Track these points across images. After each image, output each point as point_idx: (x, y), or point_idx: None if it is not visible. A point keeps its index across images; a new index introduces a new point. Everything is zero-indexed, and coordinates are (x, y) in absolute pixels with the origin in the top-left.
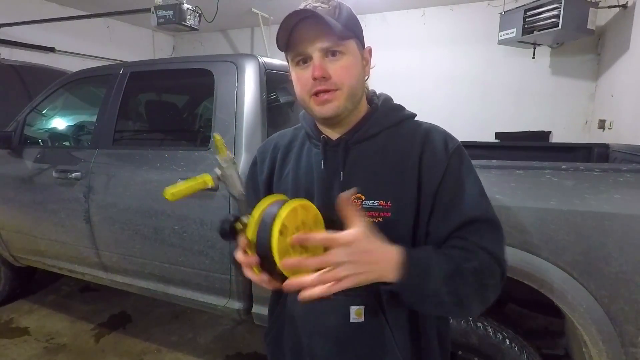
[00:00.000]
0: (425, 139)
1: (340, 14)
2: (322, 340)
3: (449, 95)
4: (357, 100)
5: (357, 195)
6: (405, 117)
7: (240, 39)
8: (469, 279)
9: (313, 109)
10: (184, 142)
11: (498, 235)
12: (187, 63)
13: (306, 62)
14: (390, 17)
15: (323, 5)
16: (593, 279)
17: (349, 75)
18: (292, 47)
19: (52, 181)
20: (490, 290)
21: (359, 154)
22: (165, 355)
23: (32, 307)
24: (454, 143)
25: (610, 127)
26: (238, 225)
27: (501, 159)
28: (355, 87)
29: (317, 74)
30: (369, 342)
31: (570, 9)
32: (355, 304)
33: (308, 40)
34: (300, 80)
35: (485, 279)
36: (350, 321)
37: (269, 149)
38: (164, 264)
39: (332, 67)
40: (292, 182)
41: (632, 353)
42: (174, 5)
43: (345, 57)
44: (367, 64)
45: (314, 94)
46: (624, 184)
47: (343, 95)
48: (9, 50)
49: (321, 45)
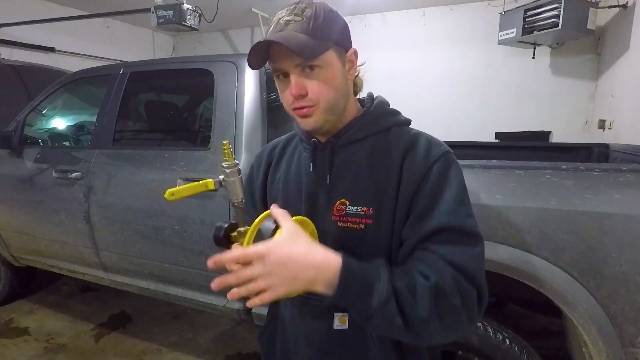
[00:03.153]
0: (409, 145)
1: (314, 25)
2: (307, 344)
3: (449, 95)
4: (339, 110)
5: (342, 200)
6: (396, 123)
7: (240, 39)
8: (423, 299)
9: (297, 121)
10: (184, 142)
11: (474, 250)
12: (187, 63)
13: (286, 76)
14: (390, 17)
15: (296, 18)
16: (593, 279)
17: (326, 89)
18: (270, 62)
19: (52, 181)
20: (456, 313)
21: (345, 157)
22: (165, 355)
23: (32, 307)
24: (439, 150)
25: (610, 127)
26: (233, 234)
27: (501, 159)
28: (334, 99)
29: (295, 92)
30: (352, 349)
31: (570, 9)
32: (339, 310)
33: (282, 57)
34: (284, 95)
35: (449, 300)
36: (334, 328)
37: (265, 155)
38: (164, 264)
39: (310, 83)
40: (283, 185)
41: (632, 353)
42: (174, 5)
43: (323, 70)
44: (351, 67)
45: (293, 108)
46: (624, 184)
47: (319, 109)
48: (9, 50)
49: (295, 62)
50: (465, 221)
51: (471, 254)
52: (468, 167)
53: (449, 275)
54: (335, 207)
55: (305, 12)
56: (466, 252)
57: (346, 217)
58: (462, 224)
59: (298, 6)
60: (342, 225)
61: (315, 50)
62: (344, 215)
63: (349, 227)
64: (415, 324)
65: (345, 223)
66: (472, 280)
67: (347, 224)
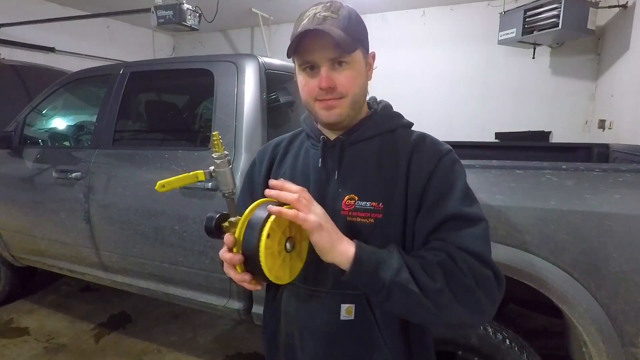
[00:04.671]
0: (415, 145)
1: (349, 24)
2: (313, 336)
3: (449, 95)
4: (359, 106)
5: (350, 195)
6: (401, 125)
7: (240, 39)
8: (434, 271)
9: (318, 113)
10: (184, 142)
11: (480, 231)
12: (187, 63)
13: (313, 69)
14: (390, 17)
15: (333, 15)
16: (593, 279)
17: (354, 84)
18: (300, 54)
19: (52, 181)
20: (470, 292)
21: (354, 154)
22: (165, 355)
23: (32, 307)
24: (444, 149)
25: (610, 127)
26: (225, 224)
27: (501, 159)
28: (359, 94)
29: (325, 85)
30: (358, 340)
31: (570, 9)
32: (346, 302)
33: (317, 49)
34: (307, 86)
35: (460, 278)
36: (340, 319)
37: (269, 150)
38: (164, 264)
39: (339, 77)
40: (289, 180)
41: (632, 353)
42: (174, 5)
43: (351, 67)
44: (370, 69)
45: (319, 99)
46: (624, 184)
47: (346, 103)
48: (9, 50)
49: (329, 56)
50: (470, 208)
51: (478, 235)
52: (468, 167)
53: (460, 258)
54: (344, 201)
55: (341, 11)
56: (473, 234)
57: (355, 211)
58: (467, 211)
59: (334, 5)
60: (351, 220)
61: (351, 46)
62: (353, 209)
63: (358, 221)
64: (432, 294)
65: (354, 217)
66: (486, 262)
67: (356, 218)
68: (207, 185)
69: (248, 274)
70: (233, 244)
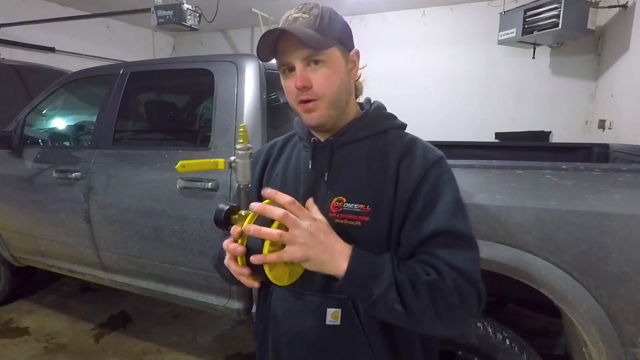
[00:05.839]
0: (406, 148)
1: (321, 23)
2: (299, 340)
3: (449, 95)
4: (341, 106)
5: (339, 197)
6: (393, 127)
7: (240, 39)
8: (422, 292)
9: (301, 116)
10: (184, 142)
11: (471, 254)
12: (187, 63)
13: (292, 70)
14: (390, 17)
15: (304, 15)
16: (593, 279)
17: (330, 83)
18: (277, 57)
19: (52, 181)
20: (454, 311)
21: (344, 156)
22: (165, 355)
23: (32, 307)
24: (435, 155)
25: (610, 127)
26: (234, 216)
27: (501, 159)
28: (337, 94)
29: (299, 84)
30: (344, 345)
31: (570, 9)
32: (332, 306)
33: (288, 50)
34: (288, 89)
35: (446, 298)
36: (326, 323)
37: (263, 152)
38: (164, 264)
39: (314, 76)
40: (281, 181)
41: (632, 353)
42: (174, 5)
43: (327, 65)
44: (354, 67)
45: (299, 102)
46: (624, 184)
47: (325, 103)
48: (9, 50)
49: (301, 55)
50: (462, 225)
51: (469, 258)
52: (468, 167)
53: (449, 277)
54: (332, 203)
55: (313, 11)
56: (465, 255)
57: (343, 213)
58: (460, 228)
59: (306, 6)
60: (339, 222)
61: (321, 43)
62: (340, 211)
63: (346, 223)
64: (415, 313)
65: (342, 220)
66: (474, 283)
67: (343, 220)
68: (207, 185)
69: (247, 268)
70: (239, 235)
